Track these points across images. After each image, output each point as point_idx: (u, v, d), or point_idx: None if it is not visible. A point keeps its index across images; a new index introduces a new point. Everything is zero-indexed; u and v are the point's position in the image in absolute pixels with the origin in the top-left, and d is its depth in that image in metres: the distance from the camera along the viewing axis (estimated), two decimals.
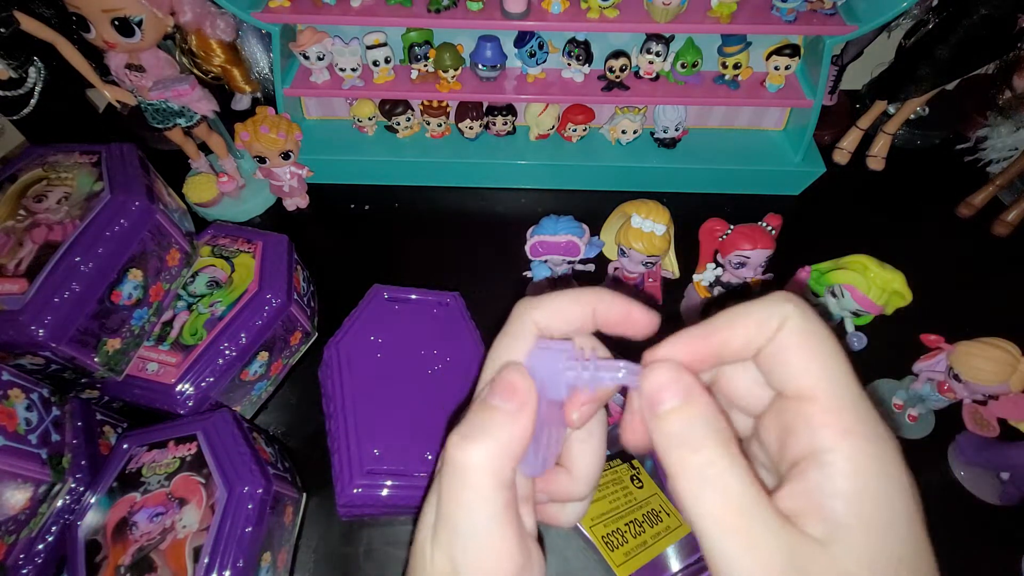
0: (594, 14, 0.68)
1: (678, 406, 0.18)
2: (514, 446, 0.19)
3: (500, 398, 0.20)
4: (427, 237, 0.77)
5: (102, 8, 0.57)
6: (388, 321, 0.59)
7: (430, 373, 0.56)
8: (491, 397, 0.20)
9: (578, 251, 0.59)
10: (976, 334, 0.52)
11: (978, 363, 0.51)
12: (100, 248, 0.50)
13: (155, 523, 0.44)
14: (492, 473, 0.18)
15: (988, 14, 0.67)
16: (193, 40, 0.68)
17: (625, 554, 0.50)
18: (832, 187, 0.82)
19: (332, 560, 0.53)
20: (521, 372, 0.20)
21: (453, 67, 0.72)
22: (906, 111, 0.83)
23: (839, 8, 0.69)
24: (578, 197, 0.82)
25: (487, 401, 0.20)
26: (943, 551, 0.60)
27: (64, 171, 0.55)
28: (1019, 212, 0.78)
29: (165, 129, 0.70)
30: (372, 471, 0.50)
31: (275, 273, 0.59)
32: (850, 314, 0.58)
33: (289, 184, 0.74)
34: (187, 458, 0.47)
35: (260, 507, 0.45)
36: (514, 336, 0.22)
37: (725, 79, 0.75)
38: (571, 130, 0.80)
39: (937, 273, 0.72)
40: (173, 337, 0.55)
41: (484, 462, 0.19)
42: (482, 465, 0.18)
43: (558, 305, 0.22)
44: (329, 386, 0.55)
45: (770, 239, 0.57)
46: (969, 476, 0.58)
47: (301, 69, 0.75)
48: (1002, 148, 0.82)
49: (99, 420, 0.53)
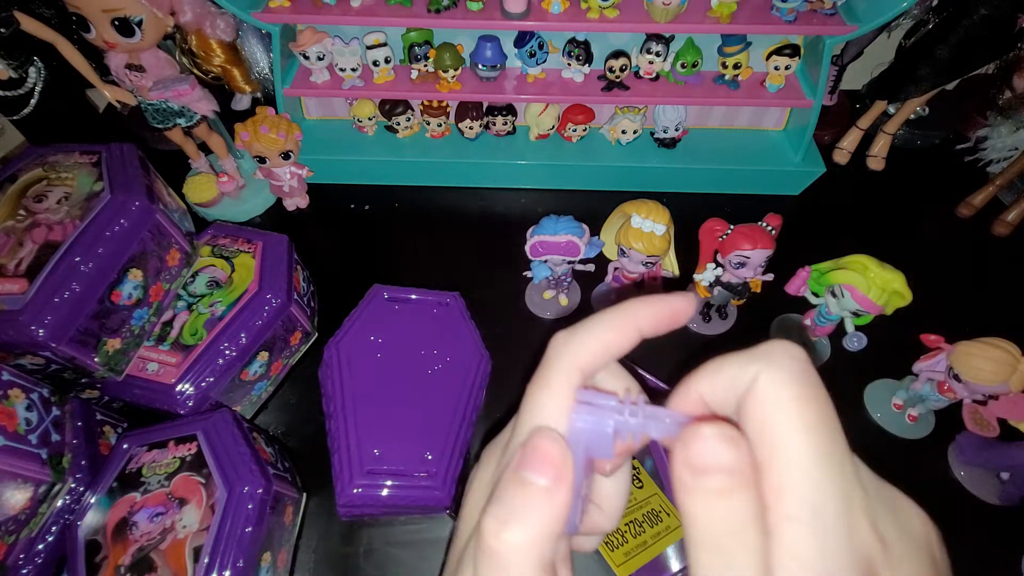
0: (594, 14, 0.68)
1: (726, 489, 0.15)
2: (554, 525, 0.17)
3: (535, 471, 0.18)
4: (427, 237, 0.77)
5: (102, 8, 0.57)
6: (388, 321, 0.59)
7: (430, 373, 0.56)
8: (524, 469, 0.18)
9: (578, 251, 0.59)
10: (976, 334, 0.52)
11: (978, 363, 0.51)
12: (100, 248, 0.50)
13: (155, 523, 0.44)
14: (533, 558, 0.17)
15: (988, 14, 0.67)
16: (193, 40, 0.68)
17: (625, 554, 0.50)
18: (832, 187, 0.82)
19: (332, 560, 0.53)
20: (554, 439, 0.18)
21: (453, 67, 0.72)
22: (906, 111, 0.83)
23: (839, 8, 0.69)
24: (578, 197, 0.82)
25: (520, 474, 0.18)
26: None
27: (64, 171, 0.55)
28: (1019, 212, 0.78)
29: (165, 129, 0.70)
30: (372, 471, 0.50)
31: (275, 273, 0.59)
32: (850, 314, 0.58)
33: (289, 184, 0.74)
34: (187, 458, 0.47)
35: (260, 507, 0.45)
36: (550, 387, 0.19)
37: (725, 79, 0.75)
38: (571, 130, 0.80)
39: (937, 273, 0.72)
40: (173, 337, 0.55)
41: (524, 547, 0.17)
42: (522, 550, 0.17)
43: (600, 340, 0.20)
44: (329, 386, 0.55)
45: (770, 239, 0.57)
46: (969, 476, 0.58)
47: (301, 69, 0.75)
48: (1002, 148, 0.82)
49: (99, 420, 0.53)
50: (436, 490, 0.50)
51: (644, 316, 0.20)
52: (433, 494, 0.50)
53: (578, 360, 0.19)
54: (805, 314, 0.64)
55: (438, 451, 0.51)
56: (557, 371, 0.19)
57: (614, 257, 0.64)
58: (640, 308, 0.20)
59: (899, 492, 0.17)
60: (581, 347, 0.19)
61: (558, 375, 0.19)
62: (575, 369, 0.19)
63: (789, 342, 0.17)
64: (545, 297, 0.70)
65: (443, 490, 0.50)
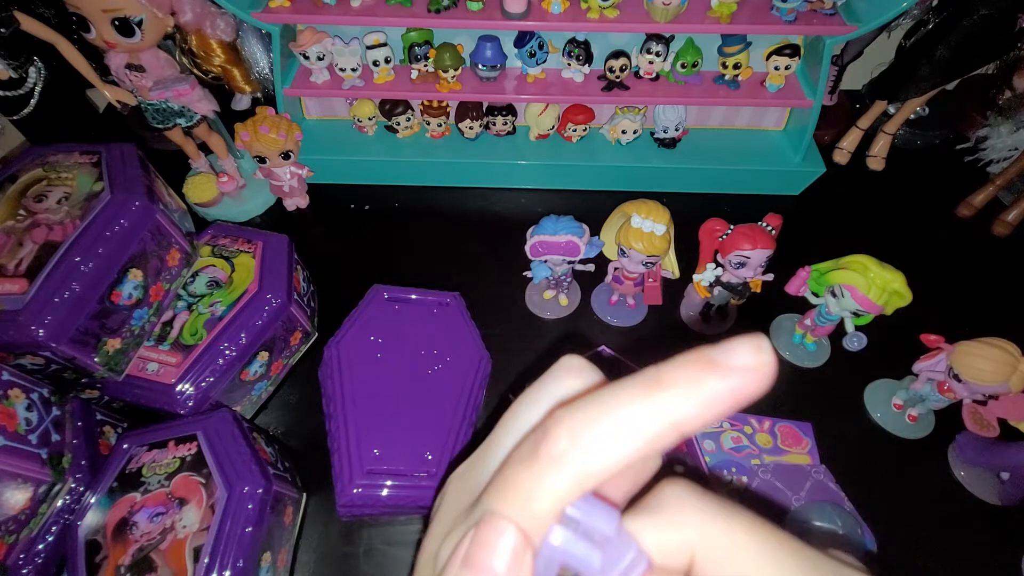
0: (594, 14, 0.68)
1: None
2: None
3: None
4: (427, 237, 0.77)
5: (102, 8, 0.57)
6: (388, 321, 0.59)
7: (430, 373, 0.56)
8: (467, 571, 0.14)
9: (578, 251, 0.59)
10: (976, 334, 0.52)
11: (978, 363, 0.51)
12: (100, 248, 0.50)
13: (155, 523, 0.44)
14: None
15: (988, 14, 0.67)
16: (193, 40, 0.68)
17: None
18: (832, 187, 0.82)
19: (332, 560, 0.53)
20: (514, 549, 0.14)
21: (453, 67, 0.72)
22: (906, 111, 0.83)
23: (839, 8, 0.69)
24: (578, 197, 0.82)
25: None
26: (943, 551, 0.60)
27: (64, 171, 0.55)
28: (1019, 212, 0.78)
29: (165, 129, 0.70)
30: (372, 471, 0.50)
31: (275, 273, 0.59)
32: (850, 314, 0.58)
33: (289, 184, 0.74)
34: (187, 458, 0.47)
35: (260, 507, 0.45)
36: (538, 476, 0.14)
37: (725, 79, 0.75)
38: (571, 130, 0.80)
39: (937, 273, 0.73)
40: (173, 337, 0.55)
41: None
42: None
43: (619, 455, 0.14)
44: (329, 386, 0.55)
45: (770, 239, 0.57)
46: (969, 476, 0.58)
47: (301, 69, 0.75)
48: (1002, 148, 0.82)
49: (99, 420, 0.53)
50: (436, 490, 0.50)
51: (696, 414, 0.14)
52: (433, 494, 0.50)
53: (584, 472, 0.14)
54: (805, 314, 0.64)
55: (438, 451, 0.51)
56: (554, 467, 0.14)
57: (614, 257, 0.64)
58: (692, 400, 0.14)
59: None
60: (592, 457, 0.14)
61: (554, 473, 0.14)
62: (576, 483, 0.14)
63: (685, 488, 0.15)
64: (545, 297, 0.70)
65: None
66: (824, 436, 0.60)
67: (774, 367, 0.14)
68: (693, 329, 0.68)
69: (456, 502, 0.17)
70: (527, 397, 0.17)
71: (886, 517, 0.55)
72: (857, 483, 0.57)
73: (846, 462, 0.59)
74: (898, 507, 0.56)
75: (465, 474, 0.18)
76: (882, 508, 0.56)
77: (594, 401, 0.15)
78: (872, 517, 0.55)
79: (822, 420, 0.61)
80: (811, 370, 0.66)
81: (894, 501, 0.57)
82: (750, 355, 0.14)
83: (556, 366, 0.17)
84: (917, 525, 0.55)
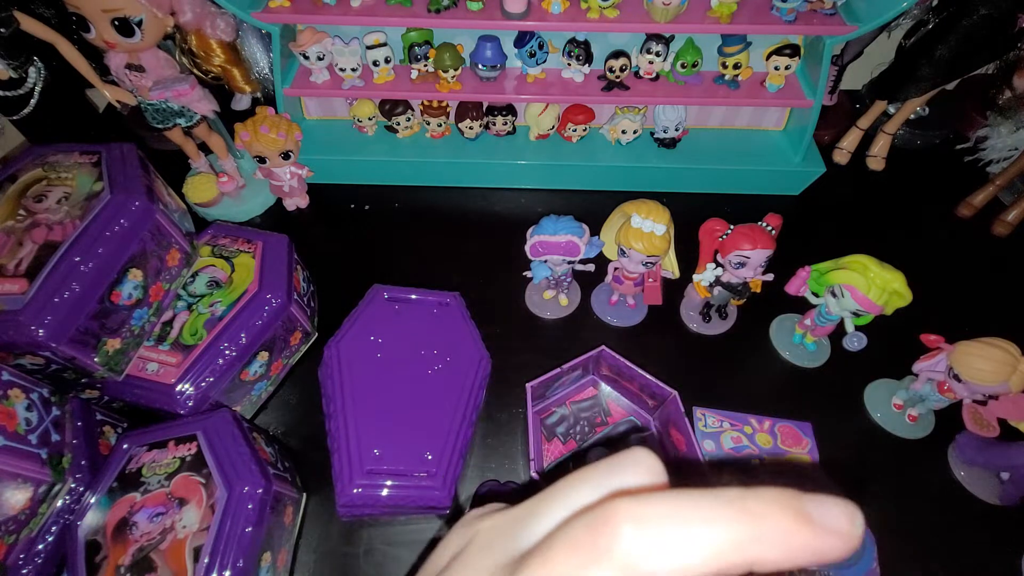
0: (594, 14, 0.68)
1: None
2: None
3: None
4: (427, 237, 0.77)
5: (102, 8, 0.57)
6: (388, 321, 0.59)
7: (430, 373, 0.56)
8: None
9: (578, 251, 0.59)
10: (976, 334, 0.52)
11: (978, 363, 0.51)
12: (100, 248, 0.50)
13: (155, 523, 0.44)
14: None
15: (988, 14, 0.67)
16: (193, 40, 0.68)
17: None
18: (832, 187, 0.82)
19: (332, 560, 0.53)
20: None
21: (453, 67, 0.72)
22: (906, 111, 0.83)
23: (839, 8, 0.69)
24: (578, 197, 0.82)
25: None
26: (943, 551, 0.61)
27: (64, 171, 0.55)
28: (1019, 212, 0.78)
29: (165, 129, 0.70)
30: (372, 471, 0.50)
31: (275, 273, 0.59)
32: (850, 314, 0.58)
33: (289, 184, 0.74)
34: (187, 458, 0.47)
35: (260, 507, 0.45)
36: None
37: (725, 79, 0.75)
38: (571, 130, 0.80)
39: (937, 273, 0.73)
40: (173, 337, 0.55)
41: None
42: None
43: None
44: (329, 386, 0.55)
45: (770, 239, 0.57)
46: (969, 476, 0.58)
47: (301, 69, 0.75)
48: (1002, 148, 0.82)
49: (99, 420, 0.53)
50: (436, 490, 0.50)
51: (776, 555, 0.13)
52: (433, 494, 0.50)
53: (637, 572, 0.13)
54: (805, 314, 0.64)
55: (438, 451, 0.51)
56: (607, 561, 0.13)
57: (614, 257, 0.64)
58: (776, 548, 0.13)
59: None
60: (652, 562, 0.13)
61: (605, 566, 0.13)
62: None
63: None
64: (545, 297, 0.70)
65: (443, 490, 0.50)
66: (824, 436, 0.60)
67: (861, 539, 0.13)
68: (693, 329, 0.68)
69: (490, 555, 0.17)
70: (587, 474, 0.16)
71: (886, 517, 0.55)
72: (857, 483, 0.57)
73: (846, 462, 0.59)
74: (898, 507, 0.57)
75: (503, 528, 0.17)
76: (882, 508, 0.56)
77: (668, 503, 0.13)
78: (872, 517, 0.55)
79: (822, 420, 0.61)
80: (811, 370, 0.66)
81: (894, 501, 0.57)
82: (845, 523, 0.13)
83: (626, 454, 0.16)
84: (917, 525, 0.55)
